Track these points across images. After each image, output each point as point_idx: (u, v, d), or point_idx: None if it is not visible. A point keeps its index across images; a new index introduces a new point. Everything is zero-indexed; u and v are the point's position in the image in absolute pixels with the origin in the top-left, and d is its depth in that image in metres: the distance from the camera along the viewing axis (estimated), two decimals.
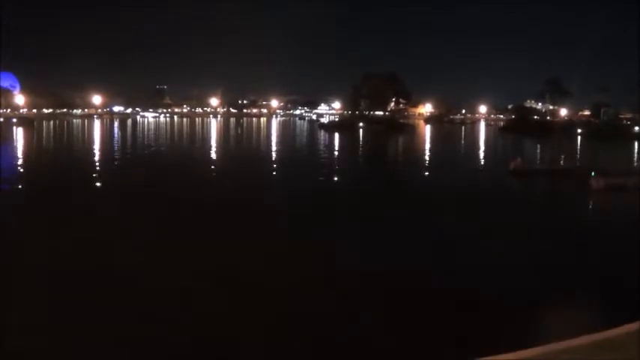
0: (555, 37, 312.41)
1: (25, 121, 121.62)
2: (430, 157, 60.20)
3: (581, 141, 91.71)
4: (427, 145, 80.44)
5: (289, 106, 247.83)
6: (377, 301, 13.86)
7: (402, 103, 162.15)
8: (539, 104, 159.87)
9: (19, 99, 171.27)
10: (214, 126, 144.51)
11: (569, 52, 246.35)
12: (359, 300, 13.98)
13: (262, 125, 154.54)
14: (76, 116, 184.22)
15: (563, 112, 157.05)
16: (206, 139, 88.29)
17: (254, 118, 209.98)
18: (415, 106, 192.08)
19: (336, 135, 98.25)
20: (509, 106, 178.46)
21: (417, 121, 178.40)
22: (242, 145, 77.22)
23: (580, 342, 7.81)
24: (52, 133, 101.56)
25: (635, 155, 69.03)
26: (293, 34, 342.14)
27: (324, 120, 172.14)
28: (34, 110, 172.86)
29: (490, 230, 21.74)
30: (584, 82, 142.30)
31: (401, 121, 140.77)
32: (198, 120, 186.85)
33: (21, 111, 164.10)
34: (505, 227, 22.45)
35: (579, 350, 7.51)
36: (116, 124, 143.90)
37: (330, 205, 27.69)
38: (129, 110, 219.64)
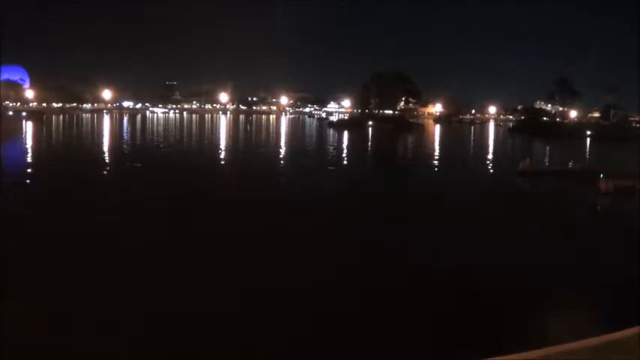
0: (567, 37, 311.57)
1: (35, 115, 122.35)
2: (439, 156, 59.95)
3: (590, 143, 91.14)
4: (436, 145, 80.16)
5: (299, 103, 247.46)
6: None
7: (412, 103, 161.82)
8: (549, 105, 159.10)
9: (29, 93, 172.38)
10: (224, 123, 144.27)
11: (580, 53, 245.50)
12: None
13: (272, 123, 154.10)
14: (86, 111, 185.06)
15: (573, 113, 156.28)
16: (216, 138, 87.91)
17: (263, 116, 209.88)
18: (425, 105, 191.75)
19: (345, 133, 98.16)
20: (519, 107, 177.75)
21: (426, 120, 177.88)
22: (251, 143, 76.97)
23: (583, 344, 7.77)
24: (61, 128, 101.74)
25: None
26: (304, 32, 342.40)
27: (334, 118, 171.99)
28: (44, 104, 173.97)
29: (490, 230, 21.73)
30: (595, 82, 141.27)
31: (410, 120, 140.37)
32: (207, 116, 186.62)
33: (30, 104, 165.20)
34: (504, 227, 22.44)
35: (583, 352, 7.47)
36: (125, 119, 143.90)
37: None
38: (138, 106, 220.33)
